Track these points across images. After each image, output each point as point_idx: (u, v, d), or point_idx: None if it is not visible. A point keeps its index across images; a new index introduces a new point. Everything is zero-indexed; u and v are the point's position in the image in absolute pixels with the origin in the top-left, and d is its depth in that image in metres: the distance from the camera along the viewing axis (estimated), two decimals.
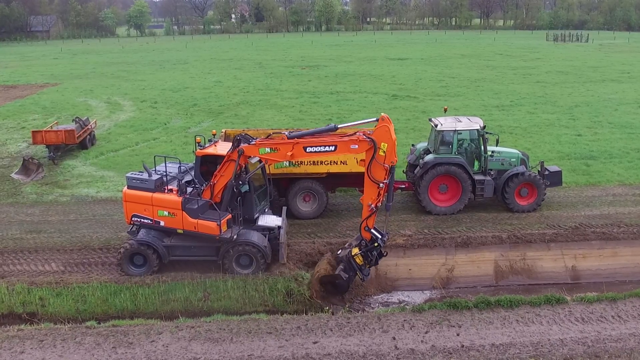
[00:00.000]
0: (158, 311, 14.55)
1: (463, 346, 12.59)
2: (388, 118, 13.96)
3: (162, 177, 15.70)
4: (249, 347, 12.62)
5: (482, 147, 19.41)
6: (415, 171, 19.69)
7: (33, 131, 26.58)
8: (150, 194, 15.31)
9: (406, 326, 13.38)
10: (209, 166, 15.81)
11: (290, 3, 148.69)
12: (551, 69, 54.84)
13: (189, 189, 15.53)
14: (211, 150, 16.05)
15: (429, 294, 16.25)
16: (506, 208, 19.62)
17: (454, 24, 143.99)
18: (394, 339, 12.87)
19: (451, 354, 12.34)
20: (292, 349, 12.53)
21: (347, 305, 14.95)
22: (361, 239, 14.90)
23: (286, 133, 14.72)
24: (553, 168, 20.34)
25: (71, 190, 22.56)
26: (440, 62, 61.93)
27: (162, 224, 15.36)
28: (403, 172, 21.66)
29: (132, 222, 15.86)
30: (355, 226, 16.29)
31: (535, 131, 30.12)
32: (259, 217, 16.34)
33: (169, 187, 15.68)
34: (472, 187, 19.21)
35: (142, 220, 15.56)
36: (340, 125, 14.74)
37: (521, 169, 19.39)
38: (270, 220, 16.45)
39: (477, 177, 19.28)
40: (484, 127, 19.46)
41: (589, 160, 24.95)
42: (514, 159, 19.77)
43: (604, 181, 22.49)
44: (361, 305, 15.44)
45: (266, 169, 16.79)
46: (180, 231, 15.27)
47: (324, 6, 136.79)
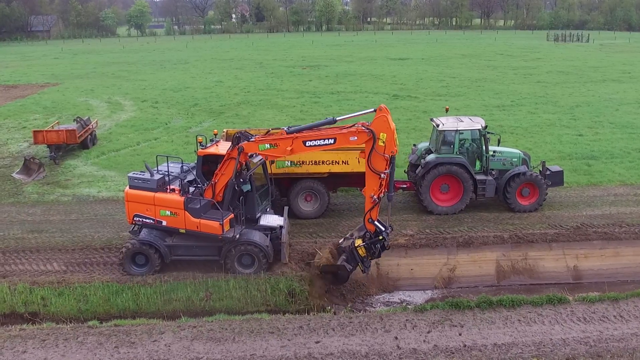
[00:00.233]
0: (160, 311, 14.55)
1: (465, 346, 12.60)
2: (386, 108, 13.93)
3: (164, 176, 15.69)
4: (251, 346, 12.62)
5: (484, 147, 19.43)
6: (417, 171, 19.70)
7: (34, 131, 26.60)
8: (152, 193, 15.30)
9: (408, 326, 13.39)
10: (211, 166, 15.79)
11: (290, 3, 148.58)
12: (552, 69, 54.82)
13: (192, 189, 15.53)
14: (213, 149, 16.05)
15: (430, 293, 16.30)
16: (508, 208, 19.63)
17: (454, 24, 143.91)
18: (396, 338, 12.88)
19: (453, 353, 12.35)
20: (295, 348, 12.54)
21: (349, 305, 14.97)
22: (365, 230, 14.89)
23: (285, 128, 14.69)
24: (554, 168, 20.35)
25: (72, 190, 22.58)
26: (441, 62, 61.91)
27: (164, 223, 15.35)
28: (404, 171, 21.68)
29: (134, 222, 15.85)
30: (357, 226, 16.27)
31: (536, 131, 30.12)
32: (260, 216, 16.34)
33: (171, 186, 15.68)
34: (474, 187, 19.21)
35: (144, 220, 15.55)
36: (339, 117, 14.72)
37: (523, 168, 19.40)
38: (272, 219, 16.46)
39: (478, 177, 19.29)
40: (486, 127, 19.48)
41: (590, 160, 24.96)
42: (516, 159, 19.79)
43: (605, 181, 22.50)
44: (363, 305, 15.47)
45: (268, 168, 16.80)
46: (183, 231, 15.27)
47: (324, 6, 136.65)
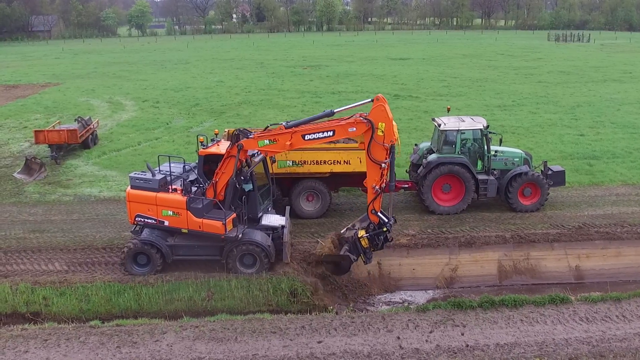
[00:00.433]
0: (162, 311, 14.53)
1: (468, 346, 12.59)
2: (383, 97, 13.96)
3: (165, 176, 15.68)
4: (253, 346, 12.62)
5: (486, 147, 19.42)
6: (419, 171, 19.68)
7: (35, 131, 26.58)
8: (154, 193, 15.27)
9: (410, 326, 13.39)
10: (212, 165, 15.78)
11: (291, 3, 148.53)
12: (553, 69, 54.79)
13: (194, 188, 15.52)
14: (214, 149, 16.05)
15: (432, 293, 16.30)
16: (509, 208, 19.61)
17: (455, 24, 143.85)
18: (398, 338, 12.87)
19: (456, 353, 12.34)
20: (297, 348, 12.53)
21: (351, 305, 14.97)
22: (369, 221, 14.89)
23: (284, 123, 14.68)
24: (556, 168, 20.32)
25: (74, 189, 22.57)
26: (441, 62, 61.89)
27: (167, 223, 15.33)
28: (406, 171, 21.68)
29: (135, 222, 15.84)
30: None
31: (538, 131, 30.10)
32: (262, 216, 16.34)
33: (173, 186, 15.67)
34: (476, 187, 19.19)
35: (146, 220, 15.52)
36: (337, 109, 14.73)
37: (524, 168, 19.39)
38: (273, 219, 16.44)
39: (480, 176, 19.27)
40: (488, 126, 19.47)
41: (591, 160, 24.94)
42: (517, 159, 19.78)
43: (607, 181, 22.48)
44: (365, 305, 15.48)
45: (269, 167, 16.78)
46: (185, 231, 15.25)
47: (325, 6, 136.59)
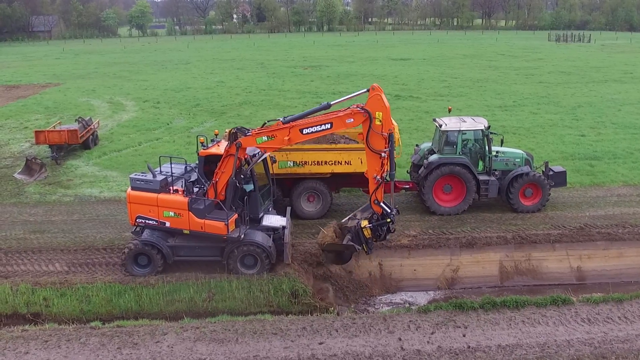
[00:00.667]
0: (163, 312, 14.51)
1: (469, 347, 12.55)
2: (379, 87, 13.95)
3: (166, 177, 15.64)
4: (254, 347, 12.59)
5: (487, 148, 19.38)
6: (420, 171, 19.64)
7: (36, 131, 26.56)
8: (155, 194, 15.25)
9: (412, 327, 13.35)
10: (212, 166, 15.72)
11: (291, 3, 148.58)
12: (553, 70, 54.77)
13: (195, 189, 15.48)
14: (214, 150, 15.99)
15: (433, 294, 16.27)
16: (510, 208, 19.57)
17: (455, 24, 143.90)
18: (400, 339, 12.84)
19: (457, 354, 12.30)
20: (298, 349, 12.50)
21: (352, 306, 14.94)
22: (372, 212, 14.88)
23: (281, 119, 14.68)
24: (557, 168, 20.28)
25: (74, 190, 22.54)
26: (442, 63, 61.88)
27: (168, 224, 15.30)
28: (407, 172, 21.66)
29: (136, 224, 15.81)
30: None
31: (539, 131, 30.06)
32: (263, 217, 16.30)
33: (174, 187, 15.63)
34: (477, 188, 19.15)
35: (147, 222, 15.48)
36: (333, 102, 14.70)
37: (525, 169, 19.35)
38: (274, 220, 16.41)
39: (481, 177, 19.23)
40: (489, 127, 19.43)
41: (593, 161, 24.91)
42: (519, 159, 19.74)
43: (608, 181, 22.45)
44: (366, 306, 15.45)
45: (270, 168, 16.74)
46: (187, 232, 15.22)
47: (325, 6, 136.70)
